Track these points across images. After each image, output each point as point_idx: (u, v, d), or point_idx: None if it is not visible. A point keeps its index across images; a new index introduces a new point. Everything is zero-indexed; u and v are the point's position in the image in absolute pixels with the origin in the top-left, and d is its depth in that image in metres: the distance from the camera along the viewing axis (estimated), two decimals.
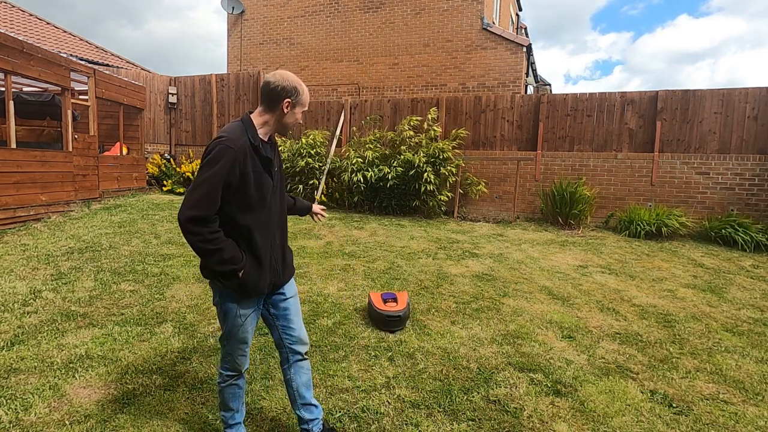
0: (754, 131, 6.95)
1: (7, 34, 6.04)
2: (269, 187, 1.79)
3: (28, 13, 12.56)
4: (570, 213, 7.31)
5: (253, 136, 1.73)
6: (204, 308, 3.60)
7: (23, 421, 2.15)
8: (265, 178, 1.77)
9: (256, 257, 1.77)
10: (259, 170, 1.74)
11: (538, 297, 4.10)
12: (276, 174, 1.84)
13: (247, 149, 1.70)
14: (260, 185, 1.75)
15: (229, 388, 1.95)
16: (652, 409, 2.42)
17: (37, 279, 4.13)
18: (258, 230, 1.77)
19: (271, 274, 1.85)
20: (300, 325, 2.00)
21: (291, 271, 2.01)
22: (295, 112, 1.82)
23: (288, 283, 1.98)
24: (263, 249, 1.79)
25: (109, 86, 8.23)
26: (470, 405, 2.40)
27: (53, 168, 6.80)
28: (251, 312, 1.85)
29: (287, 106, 1.79)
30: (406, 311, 3.31)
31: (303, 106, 1.84)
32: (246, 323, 1.84)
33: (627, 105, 7.58)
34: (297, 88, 1.78)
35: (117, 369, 2.65)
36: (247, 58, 13.33)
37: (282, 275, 1.92)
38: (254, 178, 1.72)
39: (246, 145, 1.70)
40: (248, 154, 1.70)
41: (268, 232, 1.81)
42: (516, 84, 10.41)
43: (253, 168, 1.71)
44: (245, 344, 1.89)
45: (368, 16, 11.83)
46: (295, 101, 1.80)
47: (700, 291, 4.47)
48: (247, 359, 1.94)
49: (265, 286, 1.82)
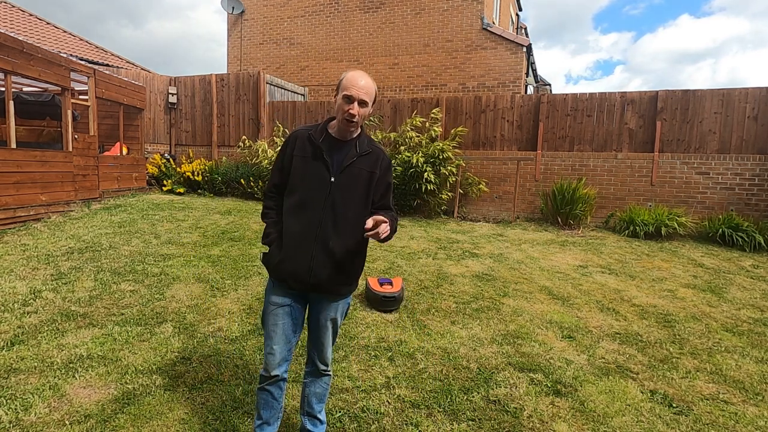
0: (754, 131, 6.95)
1: (7, 34, 6.04)
2: (319, 177, 1.75)
3: (28, 13, 12.55)
4: (570, 213, 7.31)
5: (316, 129, 1.81)
6: (204, 308, 3.60)
7: (23, 421, 2.15)
8: (313, 166, 1.76)
9: (281, 240, 1.79)
10: (307, 156, 1.77)
11: (538, 297, 4.10)
12: (342, 171, 1.76)
13: (302, 137, 1.80)
14: (305, 171, 1.77)
15: (261, 393, 1.88)
16: (652, 409, 2.42)
17: (37, 279, 4.13)
18: (291, 214, 1.78)
19: (299, 269, 1.75)
20: (327, 349, 1.91)
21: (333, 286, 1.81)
22: (338, 98, 1.75)
23: (330, 304, 1.85)
24: (289, 234, 1.77)
25: (109, 86, 8.23)
26: (470, 405, 2.40)
27: (53, 168, 6.80)
28: (280, 305, 1.80)
29: (335, 95, 1.79)
30: (400, 293, 3.68)
31: (344, 89, 1.72)
32: (274, 314, 1.81)
33: (627, 105, 7.58)
34: (343, 73, 1.76)
35: (117, 369, 2.65)
36: (247, 58, 13.32)
37: (313, 278, 1.76)
38: (300, 163, 1.77)
39: (302, 133, 1.81)
40: (302, 141, 1.79)
41: (304, 222, 1.76)
42: (516, 84, 10.41)
43: (302, 153, 1.77)
44: (271, 338, 1.82)
45: (368, 16, 11.83)
46: (338, 86, 1.76)
47: (700, 291, 4.47)
48: (275, 360, 1.82)
49: (287, 276, 1.77)
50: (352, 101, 1.70)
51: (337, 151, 1.79)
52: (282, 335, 1.82)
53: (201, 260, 4.80)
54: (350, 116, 1.71)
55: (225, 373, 2.64)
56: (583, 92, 8.01)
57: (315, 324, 1.88)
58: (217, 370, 2.68)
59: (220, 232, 6.00)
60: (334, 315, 1.87)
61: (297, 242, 1.76)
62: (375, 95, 1.77)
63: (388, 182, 1.90)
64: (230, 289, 4.01)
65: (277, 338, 1.81)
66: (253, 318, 3.43)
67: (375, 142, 1.89)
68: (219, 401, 2.36)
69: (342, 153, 1.79)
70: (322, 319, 1.86)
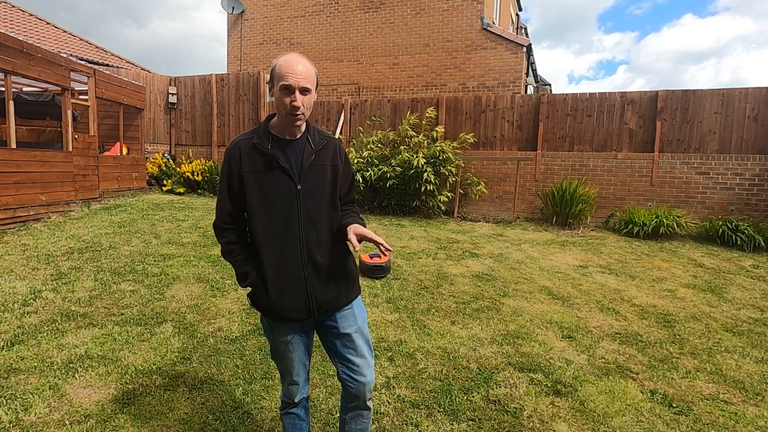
0: (754, 131, 6.95)
1: (7, 34, 6.04)
2: (283, 189, 1.52)
3: (28, 13, 12.56)
4: (570, 213, 7.31)
5: (259, 134, 1.55)
6: (204, 308, 3.60)
7: (23, 421, 2.15)
8: (271, 178, 1.52)
9: (262, 275, 1.56)
10: (259, 170, 1.52)
11: (538, 297, 4.10)
12: (305, 174, 1.54)
13: (245, 148, 1.53)
14: (262, 188, 1.52)
15: (287, 418, 1.77)
16: (652, 409, 2.42)
17: (37, 279, 4.13)
18: (264, 242, 1.54)
19: (295, 298, 1.56)
20: (363, 366, 1.64)
21: (339, 296, 1.64)
22: (275, 91, 1.49)
23: (343, 313, 1.65)
24: (271, 265, 1.54)
25: (109, 86, 8.23)
26: (470, 405, 2.40)
27: (53, 168, 6.80)
28: (289, 339, 1.62)
29: (271, 89, 1.52)
30: (387, 263, 4.47)
31: (280, 78, 1.45)
32: (285, 351, 1.63)
33: (627, 105, 7.58)
34: (274, 61, 1.49)
35: (117, 369, 2.65)
36: (247, 58, 13.33)
37: (317, 300, 1.58)
38: (254, 179, 1.52)
39: (244, 144, 1.54)
40: (248, 153, 1.53)
41: (282, 245, 1.54)
42: (516, 84, 10.41)
43: (252, 168, 1.52)
44: (289, 373, 1.67)
45: (368, 16, 11.83)
46: (271, 77, 1.50)
47: (700, 291, 4.47)
48: (300, 389, 1.71)
49: (286, 311, 1.57)
50: (293, 91, 1.45)
51: (290, 152, 1.55)
52: (300, 365, 1.68)
53: (201, 260, 4.80)
54: (294, 109, 1.46)
55: (225, 373, 2.64)
56: (583, 92, 8.02)
57: (342, 344, 1.65)
58: (217, 370, 2.68)
59: None
60: (356, 322, 1.67)
61: (283, 272, 1.55)
62: (317, 78, 1.51)
63: (352, 173, 1.74)
64: (230, 289, 4.01)
65: (296, 370, 1.67)
66: (254, 318, 3.43)
67: (325, 132, 1.66)
68: (219, 401, 2.36)
69: (297, 153, 1.55)
70: (346, 335, 1.65)
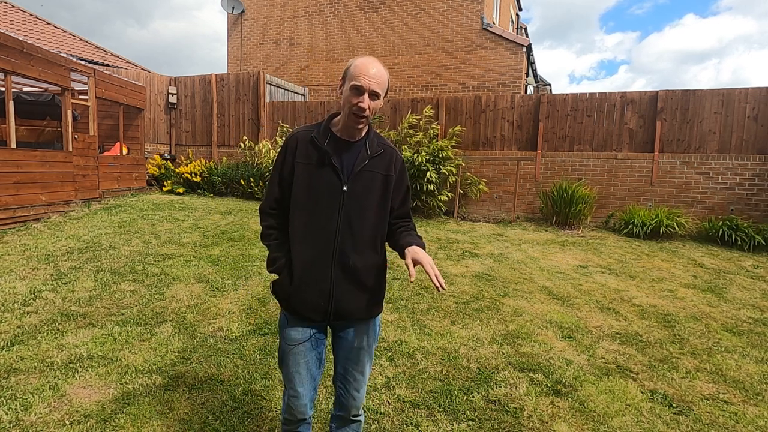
0: (754, 131, 6.95)
1: (7, 34, 6.04)
2: (329, 186, 1.51)
3: (28, 13, 12.56)
4: (570, 213, 7.31)
5: (319, 129, 1.55)
6: (204, 308, 3.60)
7: (23, 421, 2.15)
8: (320, 174, 1.51)
9: (291, 267, 1.54)
10: (311, 163, 1.51)
11: (538, 297, 4.10)
12: (354, 177, 1.52)
13: (303, 140, 1.54)
14: (310, 181, 1.51)
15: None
16: (652, 409, 2.42)
17: (37, 279, 4.13)
18: (301, 234, 1.53)
19: (316, 295, 1.52)
20: (358, 382, 1.64)
21: (360, 308, 1.58)
22: (344, 89, 1.49)
23: (358, 327, 1.61)
24: (301, 258, 1.53)
25: (109, 86, 8.23)
26: (470, 405, 2.40)
27: (53, 168, 6.80)
28: (301, 342, 1.56)
29: (340, 87, 1.53)
30: None
31: (352, 78, 1.44)
32: (294, 353, 1.56)
33: (627, 105, 7.58)
34: (351, 60, 1.50)
35: (117, 369, 2.65)
36: (247, 58, 13.33)
37: (336, 305, 1.54)
38: (304, 172, 1.52)
39: (303, 135, 1.55)
40: (304, 145, 1.53)
41: (317, 241, 1.52)
42: (516, 84, 10.41)
43: (305, 160, 1.52)
44: (293, 381, 1.57)
45: (368, 16, 11.83)
46: (344, 75, 1.49)
47: (700, 291, 4.47)
48: (301, 403, 1.59)
49: (305, 306, 1.53)
50: (363, 92, 1.43)
51: (345, 153, 1.54)
52: (307, 374, 1.58)
53: (201, 260, 4.80)
54: (360, 110, 1.45)
55: (225, 373, 2.64)
56: (583, 92, 8.02)
57: (345, 356, 1.62)
58: (217, 370, 2.68)
59: (220, 232, 6.00)
60: (366, 341, 1.63)
61: (312, 267, 1.52)
62: (388, 86, 1.51)
63: (407, 185, 1.67)
64: (230, 289, 4.01)
65: (302, 379, 1.57)
66: (254, 318, 3.43)
67: (386, 141, 1.65)
68: (219, 401, 2.36)
69: (351, 155, 1.54)
70: (353, 350, 1.61)
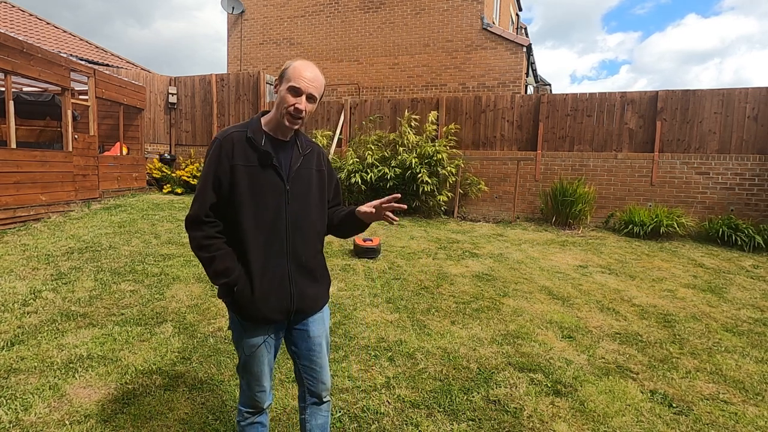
0: (754, 131, 6.95)
1: (7, 34, 6.04)
2: (272, 187, 1.52)
3: (28, 13, 12.56)
4: (570, 213, 7.30)
5: (252, 129, 1.54)
6: (204, 308, 3.60)
7: (23, 421, 2.15)
8: (263, 175, 1.51)
9: (248, 273, 1.51)
10: (253, 164, 1.50)
11: (538, 297, 4.10)
12: (294, 176, 1.56)
13: (239, 141, 1.51)
14: (254, 184, 1.50)
15: (250, 428, 1.68)
16: (652, 409, 2.42)
17: (37, 279, 4.12)
18: (251, 239, 1.51)
19: (279, 298, 1.54)
20: (324, 368, 1.70)
21: (317, 300, 1.66)
22: (281, 90, 1.50)
23: (314, 318, 1.66)
24: (257, 263, 1.51)
25: (109, 86, 8.23)
26: (470, 405, 2.40)
27: (53, 168, 6.80)
28: (262, 342, 1.58)
29: (276, 86, 1.54)
30: (378, 246, 5.20)
31: (290, 80, 1.48)
32: (257, 355, 1.58)
33: (627, 105, 7.58)
34: (288, 62, 1.53)
35: (117, 369, 2.65)
36: (247, 58, 13.32)
37: (298, 302, 1.58)
38: (246, 174, 1.49)
39: (237, 136, 1.51)
40: (241, 146, 1.50)
41: (269, 244, 1.53)
42: (516, 84, 10.41)
43: (244, 162, 1.49)
44: (259, 380, 1.62)
45: (368, 16, 11.83)
46: (281, 76, 1.52)
47: (700, 291, 4.47)
48: (267, 395, 1.66)
49: (269, 311, 1.54)
50: (301, 94, 1.48)
51: (282, 153, 1.55)
52: (269, 369, 1.64)
53: None
54: (297, 111, 1.48)
55: (225, 373, 2.64)
56: (583, 92, 8.02)
57: (308, 347, 1.66)
58: (217, 370, 2.68)
59: None
60: (325, 328, 1.71)
61: (270, 270, 1.53)
62: (323, 92, 1.57)
63: (336, 178, 1.76)
64: None
65: (266, 375, 1.63)
66: None
67: (309, 138, 1.69)
68: (219, 401, 2.36)
69: (287, 155, 1.56)
70: (315, 339, 1.66)
